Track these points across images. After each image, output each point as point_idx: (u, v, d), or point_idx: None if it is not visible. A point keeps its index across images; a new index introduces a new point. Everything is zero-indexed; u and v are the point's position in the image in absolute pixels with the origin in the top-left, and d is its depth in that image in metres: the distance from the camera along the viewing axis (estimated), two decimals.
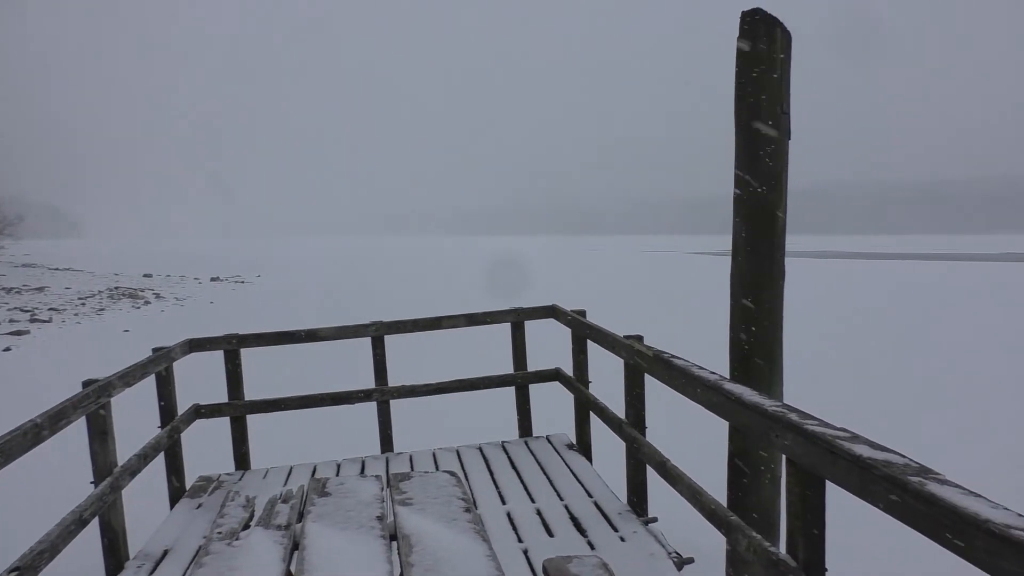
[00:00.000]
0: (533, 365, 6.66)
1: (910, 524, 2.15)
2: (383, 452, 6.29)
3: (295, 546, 2.58)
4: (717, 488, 4.42)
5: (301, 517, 2.86)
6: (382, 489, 3.04)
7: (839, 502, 2.94)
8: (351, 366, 8.61)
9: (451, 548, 2.41)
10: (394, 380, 6.38)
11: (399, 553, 2.45)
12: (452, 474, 3.24)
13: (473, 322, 6.41)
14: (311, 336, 6.18)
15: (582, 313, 5.97)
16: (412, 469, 5.79)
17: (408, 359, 8.80)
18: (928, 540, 2.10)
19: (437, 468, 5.76)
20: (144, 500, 5.44)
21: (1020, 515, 1.88)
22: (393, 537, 2.65)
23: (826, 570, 2.75)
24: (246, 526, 2.83)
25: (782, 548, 3.09)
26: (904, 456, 2.32)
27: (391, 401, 6.32)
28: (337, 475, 5.44)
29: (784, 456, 2.82)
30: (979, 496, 1.99)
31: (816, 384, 10.81)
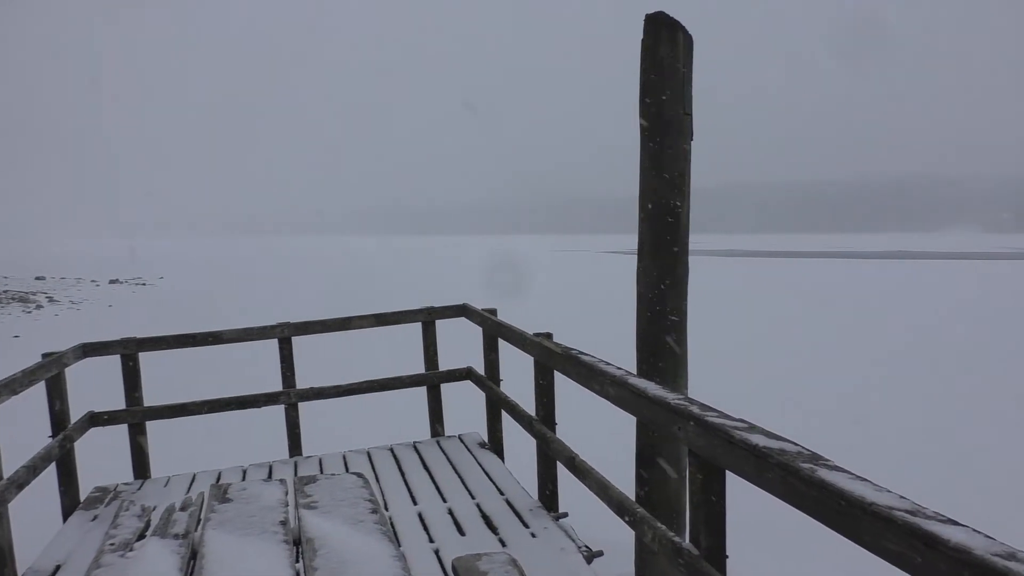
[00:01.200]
0: (446, 364, 6.63)
1: (803, 509, 2.23)
2: (292, 456, 6.15)
3: (193, 555, 2.49)
4: (629, 482, 4.51)
5: (201, 525, 2.76)
6: (286, 493, 2.96)
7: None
8: (272, 369, 8.38)
9: (357, 550, 2.37)
10: (314, 382, 6.26)
11: (303, 558, 2.40)
12: (360, 476, 3.19)
13: (383, 322, 6.34)
14: (213, 338, 5.98)
15: (493, 312, 5.98)
16: (321, 472, 5.68)
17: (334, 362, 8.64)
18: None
19: (347, 471, 5.67)
20: (35, 514, 5.16)
21: (903, 497, 1.98)
22: (297, 542, 2.59)
23: (727, 556, 2.84)
24: (141, 536, 2.71)
25: (687, 538, 3.17)
26: (797, 444, 2.41)
27: (300, 404, 6.19)
28: (243, 481, 5.29)
29: (687, 447, 2.89)
30: (865, 480, 2.09)
31: (721, 378, 11.19)
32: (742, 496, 3.32)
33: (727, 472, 2.71)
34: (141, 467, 5.86)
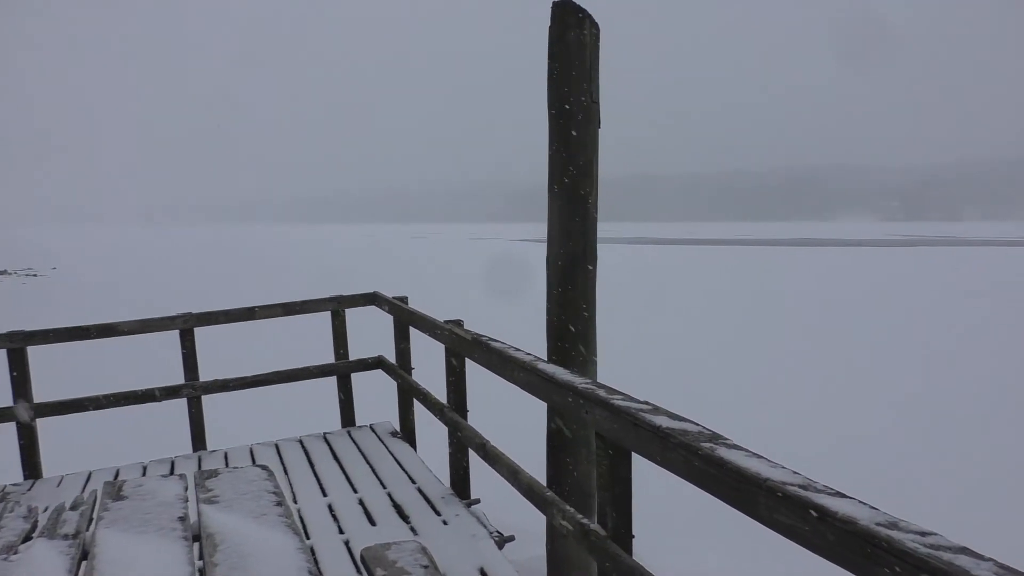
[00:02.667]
0: (357, 354, 6.54)
1: (704, 487, 2.29)
2: (195, 451, 5.95)
3: (84, 556, 2.37)
4: (544, 466, 4.56)
5: (93, 524, 2.63)
6: (186, 488, 2.86)
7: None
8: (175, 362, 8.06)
9: (259, 544, 2.30)
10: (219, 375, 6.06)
11: (202, 554, 2.32)
12: (265, 468, 3.11)
13: (290, 311, 6.19)
14: (109, 331, 5.70)
15: (404, 300, 5.92)
16: (227, 466, 5.52)
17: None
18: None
19: (254, 464, 5.52)
20: None
21: (796, 472, 2.06)
22: (197, 538, 2.50)
23: (633, 536, 2.90)
24: (27, 538, 2.57)
25: (596, 519, 3.23)
26: (698, 424, 2.47)
27: (203, 397, 5.99)
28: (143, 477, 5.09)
29: (595, 431, 2.93)
30: (761, 457, 2.16)
31: (629, 363, 11.44)
32: (650, 478, 3.40)
33: (633, 454, 2.76)
34: (31, 467, 5.56)
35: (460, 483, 4.83)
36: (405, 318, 5.57)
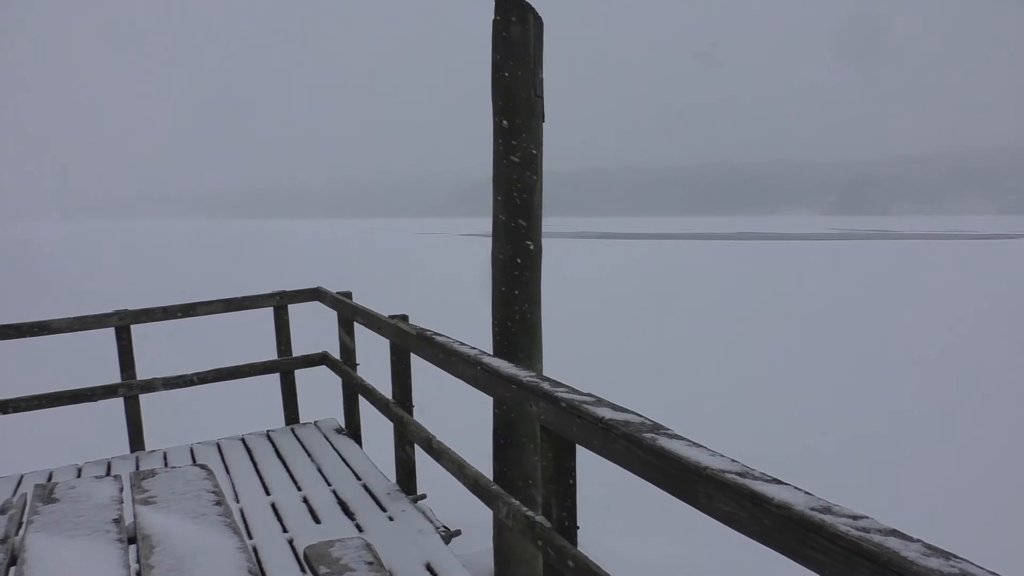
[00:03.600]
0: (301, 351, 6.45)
1: (646, 477, 2.32)
2: (133, 451, 5.80)
3: (13, 561, 2.29)
4: (491, 460, 4.57)
5: (23, 529, 2.54)
6: (121, 490, 2.78)
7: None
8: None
9: (198, 545, 2.25)
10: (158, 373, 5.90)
11: (139, 556, 2.26)
12: (204, 467, 3.04)
13: (232, 307, 6.06)
14: (41, 329, 5.50)
15: (348, 295, 5.86)
16: (166, 467, 5.39)
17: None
18: None
19: (194, 464, 5.41)
20: None
21: (735, 461, 2.10)
22: (133, 540, 2.44)
23: (578, 527, 2.92)
24: None
25: (540, 511, 3.24)
26: (640, 415, 2.50)
27: (141, 396, 5.83)
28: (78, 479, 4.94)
29: (539, 423, 2.94)
30: (701, 447, 2.19)
31: (576, 357, 11.53)
32: (596, 470, 3.43)
33: (577, 446, 2.78)
34: None
35: (406, 479, 4.81)
36: (349, 314, 5.51)
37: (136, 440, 5.82)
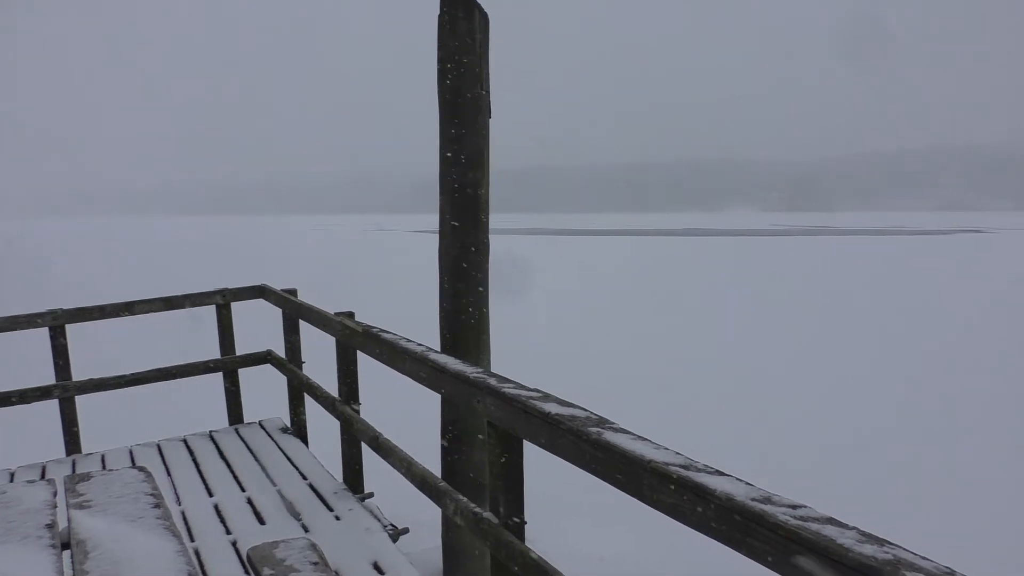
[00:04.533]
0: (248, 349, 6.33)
1: (593, 472, 2.33)
2: (69, 455, 5.62)
3: None
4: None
5: None
6: (55, 494, 2.69)
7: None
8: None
9: (135, 549, 2.19)
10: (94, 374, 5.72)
11: (73, 562, 2.19)
12: (142, 469, 2.96)
13: (172, 306, 5.91)
14: None
15: (293, 292, 5.77)
16: (104, 469, 5.24)
17: None
18: None
19: (134, 466, 5.27)
20: None
21: (678, 453, 2.12)
22: (67, 545, 2.36)
23: (525, 523, 2.92)
24: None
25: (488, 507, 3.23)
26: (586, 410, 2.51)
27: (77, 398, 5.66)
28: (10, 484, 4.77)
29: (486, 419, 2.93)
30: (646, 440, 2.21)
31: (525, 355, 11.57)
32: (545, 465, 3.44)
33: (524, 441, 2.78)
34: None
35: (353, 477, 4.76)
36: (294, 311, 5.43)
37: (72, 443, 5.65)
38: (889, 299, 20.64)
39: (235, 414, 6.25)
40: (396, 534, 4.19)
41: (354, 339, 4.27)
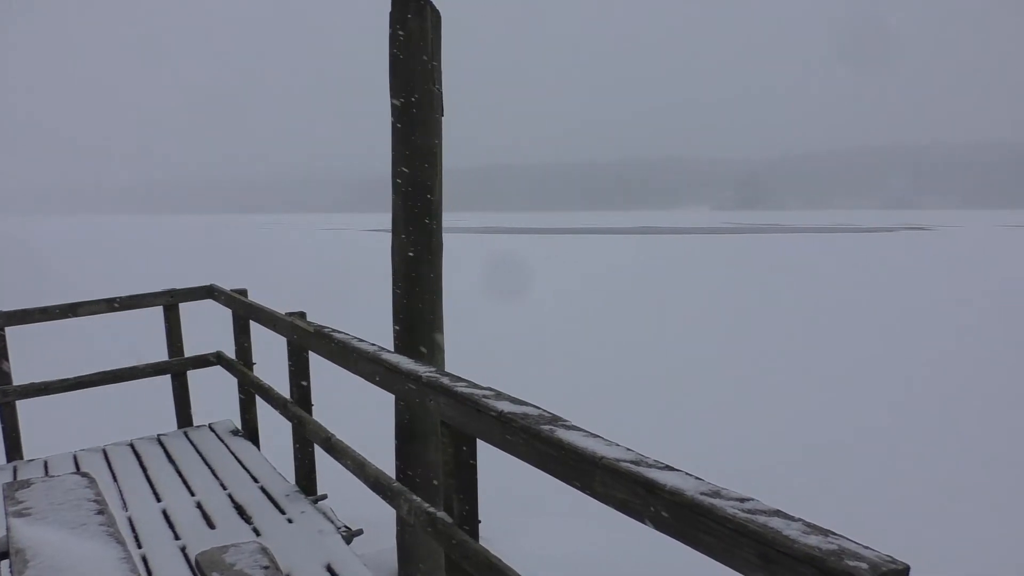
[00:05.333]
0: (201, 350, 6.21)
1: (546, 469, 2.33)
2: (10, 460, 5.45)
3: None
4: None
5: None
6: None
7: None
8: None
9: (77, 557, 2.12)
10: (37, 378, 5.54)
11: (11, 571, 2.12)
12: (85, 475, 2.88)
13: (118, 307, 5.76)
14: None
15: (243, 292, 5.68)
16: (47, 476, 5.09)
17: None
18: None
19: (78, 472, 5.13)
20: None
21: (629, 449, 2.13)
22: (5, 555, 2.29)
23: (479, 521, 2.92)
24: None
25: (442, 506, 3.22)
26: (539, 408, 2.52)
27: (18, 403, 5.49)
28: None
29: (440, 419, 2.92)
30: (598, 437, 2.23)
31: (480, 352, 11.56)
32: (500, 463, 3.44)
33: (477, 440, 2.78)
34: None
35: (306, 479, 4.70)
36: (244, 311, 5.34)
37: (13, 449, 5.48)
38: (832, 296, 21.12)
39: (184, 417, 6.12)
40: (350, 536, 4.15)
41: (305, 339, 4.21)
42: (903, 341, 14.15)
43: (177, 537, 4.04)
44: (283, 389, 4.91)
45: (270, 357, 6.20)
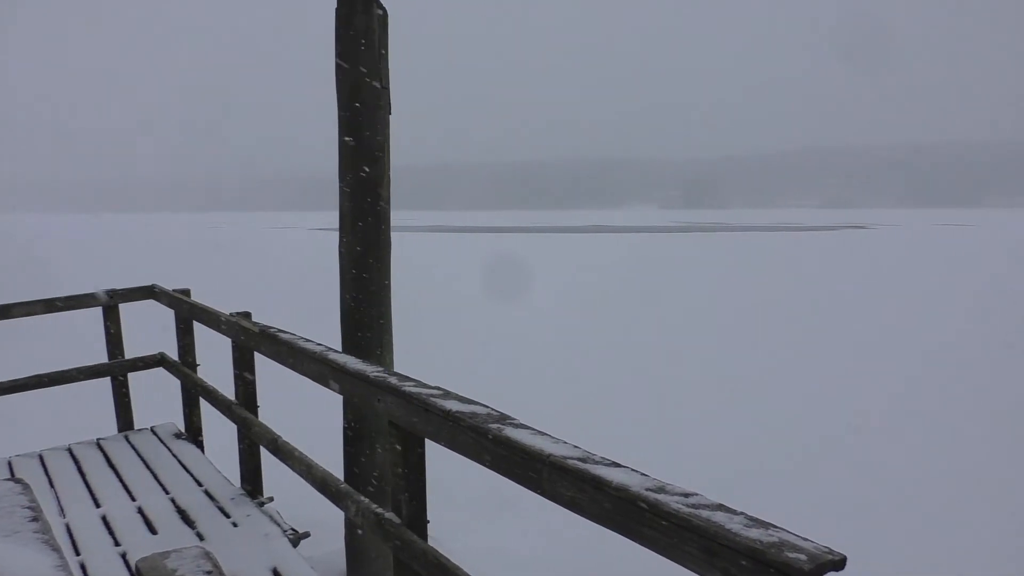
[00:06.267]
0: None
1: (494, 468, 2.34)
2: None
3: None
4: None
5: None
6: None
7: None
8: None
9: (8, 566, 2.06)
10: None
11: None
12: (18, 481, 2.78)
13: (54, 308, 5.58)
14: None
15: (186, 292, 5.56)
16: None
17: None
18: None
19: (12, 478, 4.96)
20: None
21: (576, 447, 2.15)
22: None
23: (428, 521, 2.91)
24: None
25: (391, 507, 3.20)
26: (487, 407, 2.52)
27: None
28: None
29: (388, 419, 2.90)
30: (545, 435, 2.24)
31: (427, 349, 11.53)
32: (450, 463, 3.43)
33: (426, 440, 2.77)
34: None
35: (252, 482, 4.62)
36: (188, 312, 5.23)
37: None
38: (771, 293, 21.59)
39: (125, 421, 5.97)
40: (297, 538, 4.10)
41: (250, 340, 4.15)
42: (834, 337, 14.53)
43: (117, 543, 3.94)
44: (228, 391, 4.82)
45: (215, 358, 6.08)
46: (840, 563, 1.48)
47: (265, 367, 4.39)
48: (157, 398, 6.91)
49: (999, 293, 21.04)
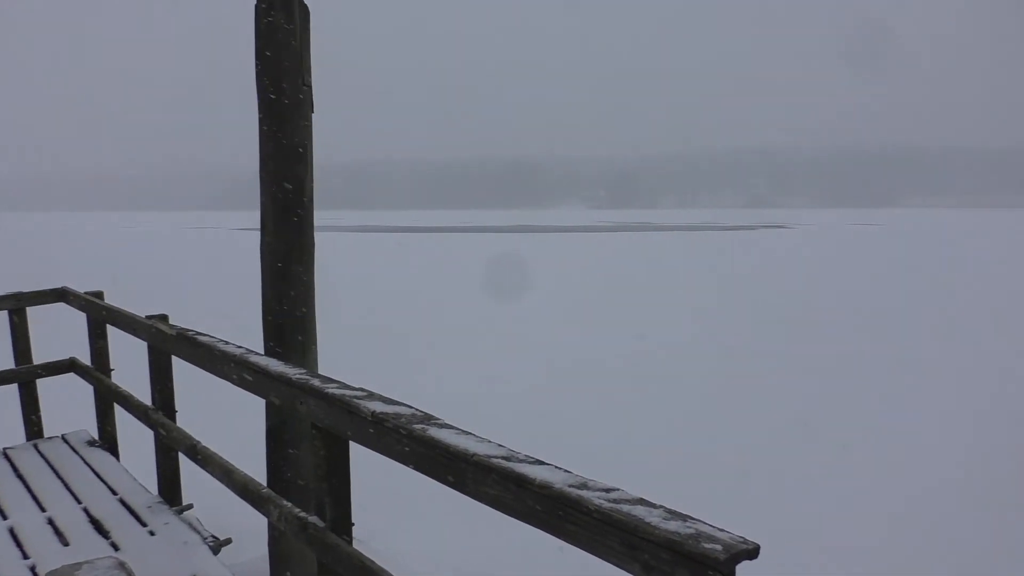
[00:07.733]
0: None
1: (419, 469, 2.33)
2: None
3: None
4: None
5: None
6: None
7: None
8: None
9: None
10: None
11: None
12: None
13: None
14: None
15: (99, 295, 5.36)
16: None
17: None
18: None
19: None
20: None
21: (501, 445, 2.16)
22: None
23: (353, 524, 2.88)
24: None
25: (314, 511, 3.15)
26: (412, 407, 2.51)
27: None
28: None
29: (311, 421, 2.86)
30: (469, 434, 2.24)
31: (352, 350, 11.41)
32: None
33: (350, 442, 2.74)
34: None
35: (170, 489, 4.49)
36: (101, 315, 5.04)
37: None
38: (683, 290, 22.12)
39: (34, 429, 5.72)
40: (218, 546, 4.00)
41: (168, 343, 4.03)
42: (760, 335, 14.98)
43: (26, 556, 3.76)
44: (144, 396, 4.67)
45: (131, 363, 5.87)
46: (754, 552, 1.53)
47: (184, 371, 4.27)
48: (69, 406, 6.63)
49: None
